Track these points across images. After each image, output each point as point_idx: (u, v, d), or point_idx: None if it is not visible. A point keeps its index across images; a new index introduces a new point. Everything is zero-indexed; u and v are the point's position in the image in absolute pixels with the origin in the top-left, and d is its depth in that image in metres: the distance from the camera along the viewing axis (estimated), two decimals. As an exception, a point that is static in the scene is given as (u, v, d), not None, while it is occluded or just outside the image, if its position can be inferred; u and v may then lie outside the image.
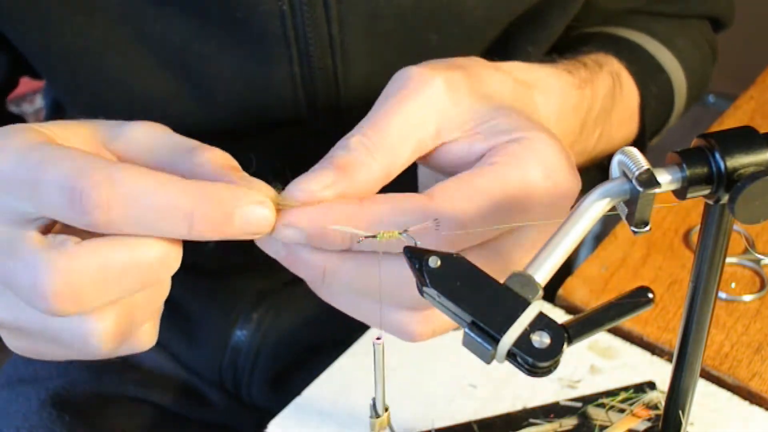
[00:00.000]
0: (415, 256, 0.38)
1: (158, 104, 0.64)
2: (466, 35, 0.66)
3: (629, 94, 0.72)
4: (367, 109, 0.67)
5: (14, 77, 0.73)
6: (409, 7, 0.62)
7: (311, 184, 0.43)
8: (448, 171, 0.48)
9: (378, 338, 0.42)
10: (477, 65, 0.51)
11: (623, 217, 0.40)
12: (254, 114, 0.66)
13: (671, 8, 0.80)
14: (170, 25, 0.61)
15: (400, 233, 0.42)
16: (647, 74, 0.74)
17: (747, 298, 0.67)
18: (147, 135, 0.45)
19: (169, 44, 0.62)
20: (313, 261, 0.44)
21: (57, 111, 0.85)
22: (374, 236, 0.42)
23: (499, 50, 0.68)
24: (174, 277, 0.88)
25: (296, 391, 0.62)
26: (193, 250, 0.79)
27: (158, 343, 0.46)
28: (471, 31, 0.66)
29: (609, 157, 0.48)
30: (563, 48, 0.72)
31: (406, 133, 0.46)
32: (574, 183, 0.46)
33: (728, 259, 0.67)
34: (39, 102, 1.32)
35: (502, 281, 0.37)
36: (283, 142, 0.71)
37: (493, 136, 0.46)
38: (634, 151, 0.39)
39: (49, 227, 0.42)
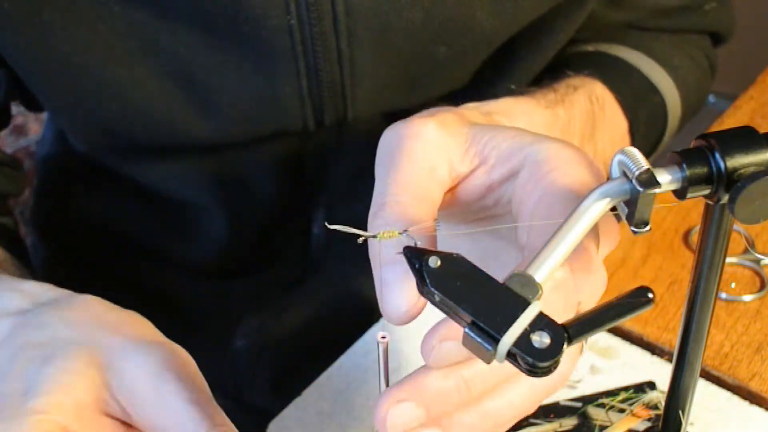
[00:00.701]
0: (415, 256, 0.38)
1: (162, 117, 0.64)
2: (474, 47, 0.66)
3: (614, 117, 0.71)
4: (373, 121, 0.67)
5: (8, 102, 0.72)
6: (420, 21, 0.62)
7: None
8: (477, 208, 0.47)
9: (383, 336, 0.42)
10: (447, 110, 0.50)
11: (623, 217, 0.40)
12: (260, 127, 0.66)
13: (672, 23, 0.80)
14: (176, 38, 0.60)
15: (400, 233, 0.42)
16: (638, 98, 0.74)
17: (747, 298, 0.67)
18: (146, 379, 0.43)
19: (175, 57, 0.61)
20: None
21: (60, 143, 0.84)
22: (374, 236, 0.42)
23: (502, 59, 0.68)
24: (174, 281, 0.88)
25: (296, 393, 0.62)
26: (193, 254, 0.80)
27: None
28: (478, 43, 0.66)
29: None
30: (557, 67, 0.72)
31: (425, 179, 0.45)
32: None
33: (728, 259, 0.67)
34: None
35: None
36: (287, 154, 0.71)
37: (507, 159, 0.45)
38: (634, 151, 0.39)
39: None
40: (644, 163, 0.38)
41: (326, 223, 0.42)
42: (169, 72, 0.62)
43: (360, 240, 0.42)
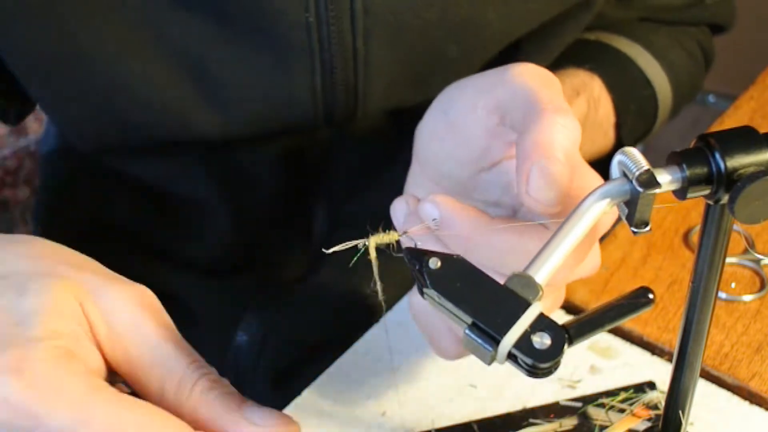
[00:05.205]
0: (415, 257, 0.38)
1: (172, 110, 0.64)
2: (484, 47, 0.67)
3: (605, 118, 0.73)
4: (383, 119, 0.67)
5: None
6: (434, 20, 0.62)
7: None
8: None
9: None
10: None
11: (623, 218, 0.40)
12: (270, 123, 0.66)
13: (673, 17, 0.82)
14: (191, 31, 0.60)
15: (399, 235, 0.42)
16: (630, 92, 0.75)
17: (747, 298, 0.67)
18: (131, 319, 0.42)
19: (189, 51, 0.61)
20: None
21: (64, 139, 0.84)
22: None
23: (507, 58, 0.69)
24: (176, 277, 0.88)
25: (297, 391, 0.62)
26: (195, 250, 0.80)
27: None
28: (489, 42, 0.66)
29: None
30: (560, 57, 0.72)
31: None
32: None
33: (728, 259, 0.67)
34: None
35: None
36: (295, 150, 0.71)
37: None
38: (634, 151, 0.39)
39: None
40: (644, 164, 0.38)
41: (323, 249, 0.42)
42: (183, 65, 0.62)
43: (360, 246, 0.42)
